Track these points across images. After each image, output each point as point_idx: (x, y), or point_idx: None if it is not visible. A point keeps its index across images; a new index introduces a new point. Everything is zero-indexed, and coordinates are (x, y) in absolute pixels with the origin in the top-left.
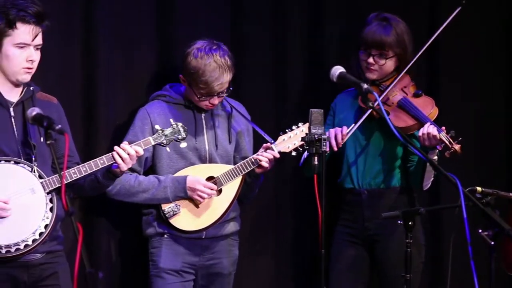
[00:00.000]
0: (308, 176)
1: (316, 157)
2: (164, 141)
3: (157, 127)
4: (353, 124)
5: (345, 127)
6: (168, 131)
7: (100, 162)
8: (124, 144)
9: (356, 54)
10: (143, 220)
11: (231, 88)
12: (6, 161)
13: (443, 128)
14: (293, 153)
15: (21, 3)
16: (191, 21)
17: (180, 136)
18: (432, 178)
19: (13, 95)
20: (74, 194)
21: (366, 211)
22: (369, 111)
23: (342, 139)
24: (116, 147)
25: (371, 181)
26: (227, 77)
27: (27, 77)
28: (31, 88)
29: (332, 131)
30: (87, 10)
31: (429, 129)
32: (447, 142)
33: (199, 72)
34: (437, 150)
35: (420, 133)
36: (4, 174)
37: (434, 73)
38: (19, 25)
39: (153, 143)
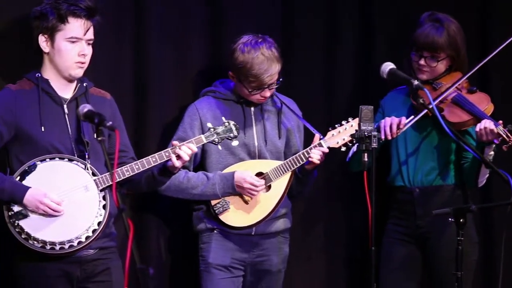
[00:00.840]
0: (354, 171)
1: (365, 154)
2: (216, 139)
3: (209, 125)
4: (412, 117)
5: (403, 118)
6: (220, 129)
7: (153, 160)
8: (178, 142)
9: (408, 54)
10: (194, 216)
11: (281, 79)
12: (60, 158)
13: (500, 122)
14: (343, 149)
15: None
16: (241, 18)
17: (232, 134)
18: (487, 175)
19: (67, 92)
20: (130, 191)
21: (418, 209)
22: (425, 111)
23: (399, 128)
24: (171, 144)
25: (423, 179)
26: (275, 68)
27: (79, 72)
28: (84, 84)
29: (388, 119)
30: (139, 7)
31: (486, 123)
32: (505, 136)
33: (247, 66)
34: (494, 145)
35: (477, 128)
36: (58, 172)
37: (484, 70)
38: (70, 19)
39: (205, 141)
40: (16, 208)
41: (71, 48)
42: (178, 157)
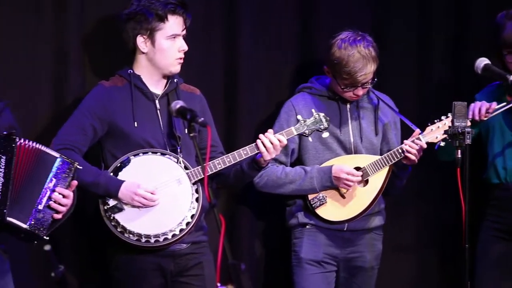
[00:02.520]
0: (441, 160)
1: (459, 151)
2: (306, 131)
3: (299, 117)
4: (504, 103)
5: (494, 103)
6: (310, 121)
7: (244, 152)
8: (268, 133)
9: (498, 55)
10: (287, 211)
11: (375, 79)
12: (153, 152)
13: None
14: (442, 144)
15: None
16: (334, 14)
17: (322, 126)
18: None
19: (158, 88)
20: (219, 185)
21: None
22: None
23: (488, 112)
24: (260, 135)
25: None
26: (371, 67)
27: (179, 68)
28: (175, 80)
29: (478, 102)
30: (229, 3)
31: None
32: None
33: (342, 63)
34: None
35: None
36: (151, 166)
37: None
38: (169, 17)
39: (295, 133)
40: (111, 202)
41: (171, 45)
42: (267, 149)
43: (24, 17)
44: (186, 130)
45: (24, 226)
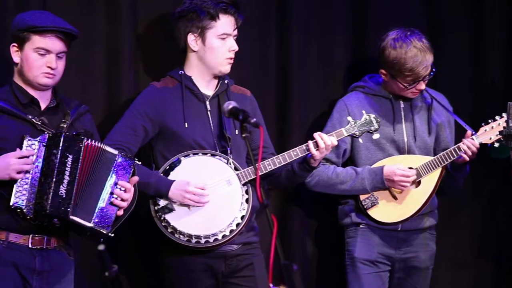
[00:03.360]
0: (494, 157)
1: None
2: (357, 132)
3: (349, 118)
4: None
5: None
6: (360, 122)
7: (294, 153)
8: (319, 134)
9: None
10: (339, 210)
11: (434, 70)
12: (203, 153)
13: None
14: (496, 145)
15: None
16: (385, 12)
17: (372, 127)
18: None
19: (209, 89)
20: (270, 186)
21: None
22: None
23: None
24: (315, 135)
25: None
26: (429, 58)
27: (229, 68)
28: (226, 82)
29: None
30: (281, 3)
31: None
32: None
33: (401, 62)
34: None
35: None
36: (202, 167)
37: None
38: (221, 16)
39: (345, 134)
40: (162, 203)
41: (222, 45)
42: (318, 150)
43: (77, 18)
44: (236, 131)
45: (88, 224)
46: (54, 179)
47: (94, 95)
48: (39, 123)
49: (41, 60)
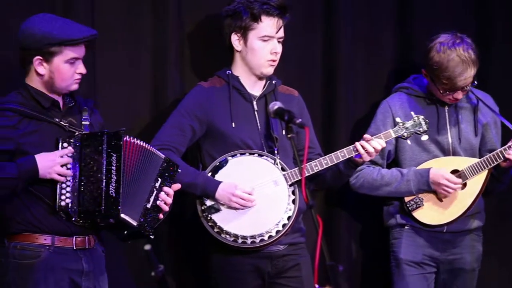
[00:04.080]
0: None
1: None
2: (405, 134)
3: (397, 120)
4: None
5: None
6: (409, 123)
7: (341, 154)
8: (367, 136)
9: None
10: (384, 211)
11: (475, 82)
12: (250, 153)
13: None
14: None
15: None
16: (431, 13)
17: (421, 129)
18: None
19: (256, 89)
20: (315, 187)
21: None
22: None
23: None
24: (366, 136)
25: None
26: (470, 72)
27: (270, 70)
28: (273, 82)
29: None
30: (329, 4)
31: None
32: None
33: (441, 68)
34: None
35: None
36: (248, 167)
37: None
38: (263, 18)
39: (393, 136)
40: (208, 202)
41: (263, 47)
42: (366, 151)
43: (124, 20)
44: (283, 131)
45: (134, 223)
46: (102, 179)
47: (141, 97)
48: (67, 124)
49: (72, 69)
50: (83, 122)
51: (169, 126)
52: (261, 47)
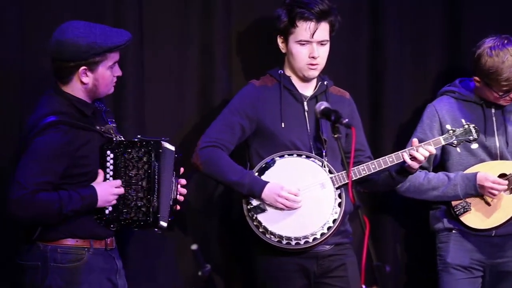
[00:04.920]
0: None
1: None
2: (455, 141)
3: (448, 127)
4: None
5: None
6: (459, 131)
7: (389, 160)
8: (415, 142)
9: None
10: (431, 215)
11: None
12: (298, 155)
13: None
14: None
15: (306, 1)
16: (481, 14)
17: (471, 137)
18: None
19: (308, 90)
20: (364, 189)
21: None
22: None
23: None
24: (413, 143)
25: None
26: None
27: (312, 73)
28: (325, 83)
29: None
30: (375, 7)
31: None
32: None
33: (497, 71)
34: None
35: None
36: (296, 168)
37: None
38: (299, 23)
39: (443, 143)
40: (254, 202)
41: (301, 50)
42: (414, 158)
43: (172, 19)
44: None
45: (165, 225)
46: (145, 188)
47: (189, 96)
48: (107, 131)
49: (112, 73)
50: (112, 125)
51: (219, 123)
52: (299, 51)
